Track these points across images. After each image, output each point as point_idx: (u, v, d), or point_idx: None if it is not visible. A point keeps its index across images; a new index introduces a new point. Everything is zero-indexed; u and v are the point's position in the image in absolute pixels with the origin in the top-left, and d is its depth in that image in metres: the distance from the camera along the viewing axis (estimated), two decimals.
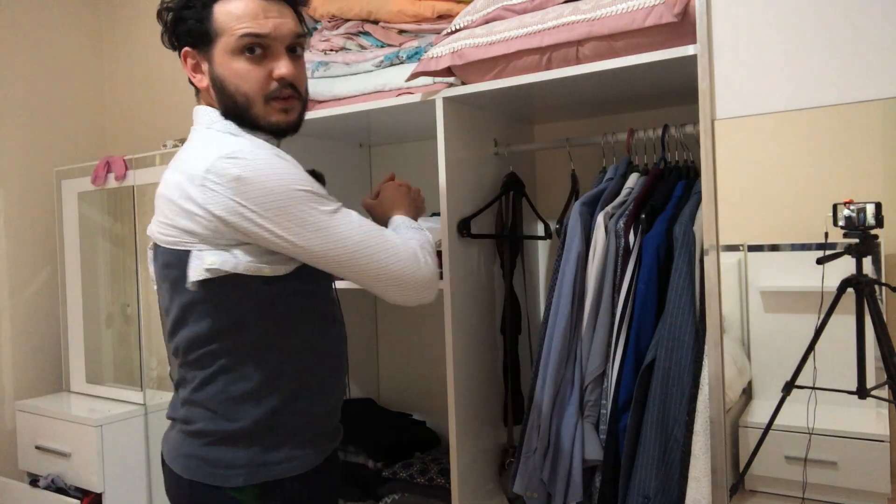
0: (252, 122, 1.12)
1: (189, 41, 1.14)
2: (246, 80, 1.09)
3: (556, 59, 1.38)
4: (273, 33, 1.08)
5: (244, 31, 1.08)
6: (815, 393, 1.14)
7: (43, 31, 2.82)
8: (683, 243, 1.28)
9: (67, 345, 2.68)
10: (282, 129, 1.14)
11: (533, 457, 1.41)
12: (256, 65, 1.09)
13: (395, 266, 1.09)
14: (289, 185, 1.03)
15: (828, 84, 1.09)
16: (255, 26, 1.08)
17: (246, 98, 1.10)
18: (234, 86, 1.11)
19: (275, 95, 1.10)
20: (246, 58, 1.09)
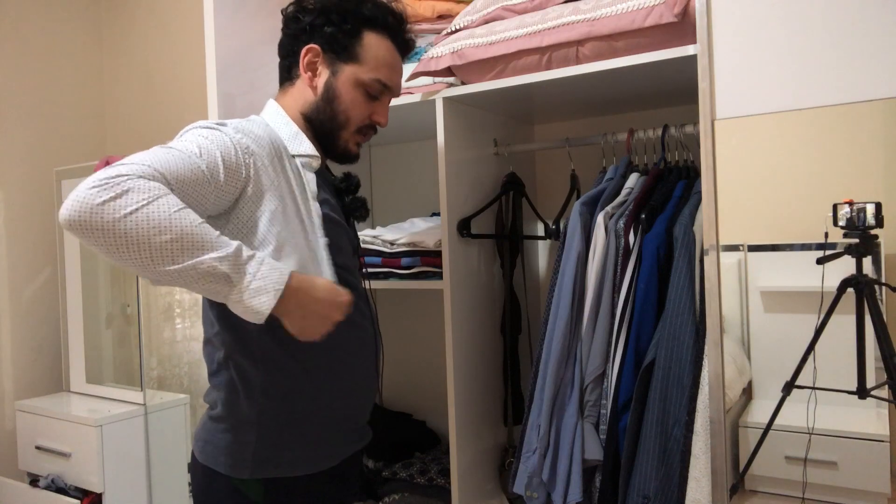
0: (333, 139, 1.21)
1: (324, 43, 1.19)
2: (355, 109, 1.20)
3: (556, 59, 1.38)
4: (395, 90, 1.25)
5: (380, 79, 1.20)
6: (815, 393, 1.14)
7: (43, 31, 2.82)
8: (683, 243, 1.28)
9: (67, 345, 2.68)
10: (349, 159, 1.24)
11: (533, 457, 1.41)
12: (369, 102, 1.21)
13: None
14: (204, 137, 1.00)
15: (828, 84, 1.09)
16: (389, 79, 1.21)
17: (347, 121, 1.20)
18: (343, 106, 1.19)
19: (363, 131, 1.23)
20: (365, 94, 1.20)
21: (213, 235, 0.92)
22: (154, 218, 0.87)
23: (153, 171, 0.92)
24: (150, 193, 0.88)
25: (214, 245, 0.91)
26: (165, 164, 0.93)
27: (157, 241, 0.87)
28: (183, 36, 2.75)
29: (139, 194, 0.87)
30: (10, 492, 2.52)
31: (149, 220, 0.87)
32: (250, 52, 1.78)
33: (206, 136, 1.02)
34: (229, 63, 1.72)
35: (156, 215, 0.87)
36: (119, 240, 0.86)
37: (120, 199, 0.86)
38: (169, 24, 2.80)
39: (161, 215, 0.87)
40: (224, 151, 1.01)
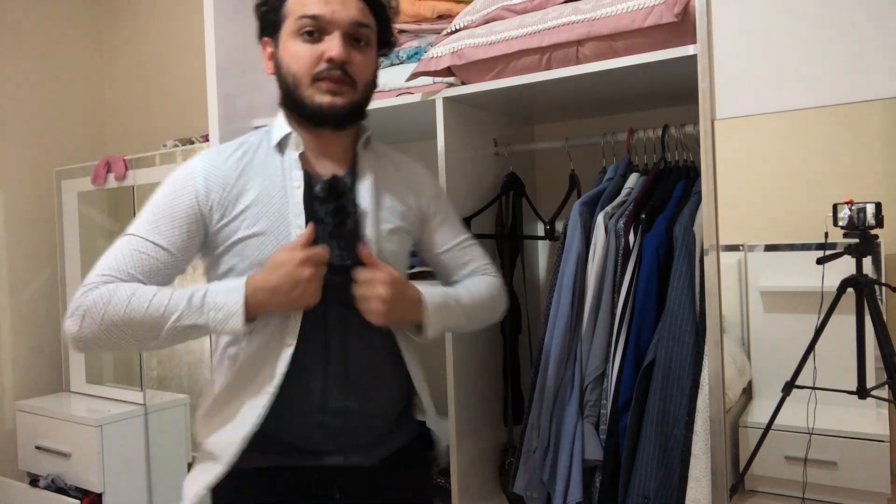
0: (299, 105, 1.11)
1: (265, 30, 1.16)
2: (297, 59, 1.10)
3: (556, 59, 1.38)
4: (329, 16, 1.08)
5: (304, 14, 1.09)
6: (815, 393, 1.14)
7: (43, 32, 2.82)
8: (683, 243, 1.28)
9: (67, 345, 2.68)
10: (325, 113, 1.09)
11: (533, 457, 1.41)
12: (310, 45, 1.09)
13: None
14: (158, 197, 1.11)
15: (828, 84, 1.09)
16: (315, 9, 1.09)
17: (294, 78, 1.10)
18: (286, 66, 1.11)
19: (322, 76, 1.09)
20: (302, 39, 1.10)
21: (163, 304, 1.01)
22: (115, 321, 1.00)
23: (107, 277, 1.03)
24: (100, 304, 1.01)
25: (168, 312, 1.01)
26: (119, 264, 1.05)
27: (127, 333, 1.01)
28: (183, 36, 2.75)
29: (94, 311, 1.01)
30: (10, 492, 2.52)
31: (113, 324, 1.01)
32: (250, 52, 1.78)
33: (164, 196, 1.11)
34: (229, 63, 1.73)
35: (115, 318, 1.00)
36: (107, 345, 1.03)
37: (85, 323, 1.01)
38: (169, 25, 2.81)
39: (117, 316, 1.00)
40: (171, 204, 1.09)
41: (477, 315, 1.24)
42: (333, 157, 1.17)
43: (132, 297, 1.00)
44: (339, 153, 1.17)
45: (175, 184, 1.10)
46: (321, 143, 1.16)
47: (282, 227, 1.09)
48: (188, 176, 1.10)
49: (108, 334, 1.01)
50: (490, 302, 1.26)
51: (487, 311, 1.27)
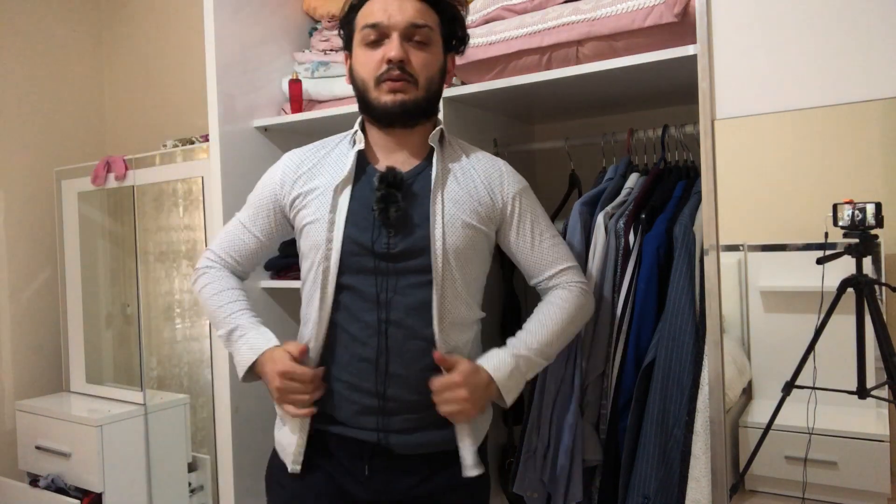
0: (370, 107, 1.19)
1: (346, 45, 1.26)
2: (363, 65, 1.19)
3: (556, 59, 1.38)
4: (387, 22, 1.16)
5: (365, 23, 1.18)
6: (815, 393, 1.14)
7: (43, 31, 2.82)
8: (683, 243, 1.28)
9: (67, 345, 2.68)
10: (389, 111, 1.17)
11: (533, 457, 1.41)
12: (373, 51, 1.18)
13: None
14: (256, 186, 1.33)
15: (828, 84, 1.09)
16: (374, 18, 1.17)
17: (363, 82, 1.19)
18: (356, 73, 1.21)
19: (384, 77, 1.16)
20: (367, 47, 1.18)
21: (225, 314, 1.24)
22: (202, 298, 1.29)
23: (216, 257, 1.32)
24: (202, 281, 1.30)
25: (222, 324, 1.25)
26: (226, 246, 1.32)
27: (206, 313, 1.30)
28: (183, 36, 2.75)
29: (200, 283, 1.31)
30: (10, 492, 2.52)
31: (200, 297, 1.31)
32: (250, 52, 1.78)
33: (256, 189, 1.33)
34: (229, 63, 1.73)
35: (203, 297, 1.29)
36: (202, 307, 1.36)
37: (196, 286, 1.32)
38: (169, 24, 2.80)
39: (203, 296, 1.29)
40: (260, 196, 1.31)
41: (556, 347, 1.24)
42: (405, 153, 1.22)
43: (215, 294, 1.27)
44: (412, 149, 1.23)
45: (264, 178, 1.31)
46: (393, 141, 1.22)
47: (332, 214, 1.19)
48: (273, 171, 1.30)
49: (200, 303, 1.31)
50: (568, 325, 1.24)
51: (567, 335, 1.25)
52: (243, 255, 1.31)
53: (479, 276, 1.26)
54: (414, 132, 1.22)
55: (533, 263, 1.28)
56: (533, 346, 1.20)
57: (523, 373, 1.19)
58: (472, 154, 1.28)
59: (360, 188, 1.20)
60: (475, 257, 1.22)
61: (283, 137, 1.87)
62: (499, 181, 1.25)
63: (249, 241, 1.30)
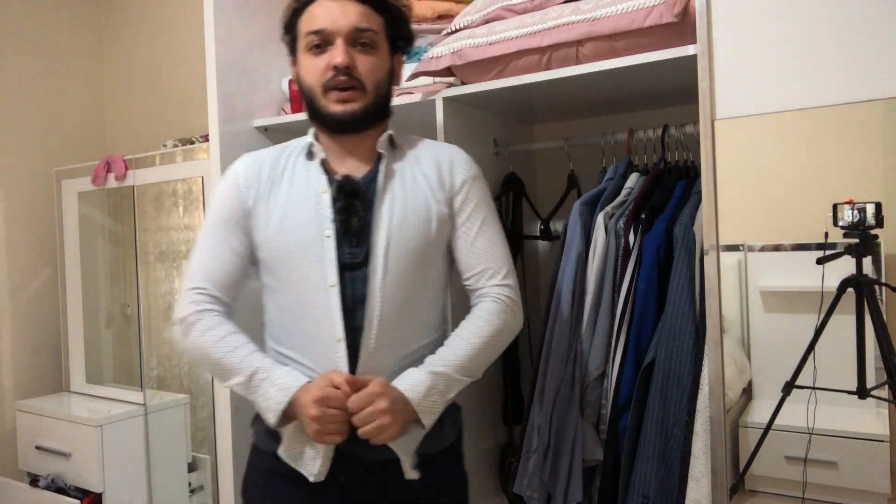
0: (318, 115, 1.17)
1: (291, 52, 1.23)
2: (309, 73, 1.16)
3: (556, 59, 1.38)
4: (330, 27, 1.13)
5: (309, 30, 1.16)
6: (815, 393, 1.14)
7: (43, 31, 2.82)
8: (683, 243, 1.28)
9: (67, 345, 2.68)
10: (338, 121, 1.15)
11: (533, 457, 1.41)
12: (317, 57, 1.15)
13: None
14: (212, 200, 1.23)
15: (828, 84, 1.09)
16: (316, 25, 1.15)
17: (310, 89, 1.17)
18: (303, 80, 1.18)
19: (331, 85, 1.14)
20: (312, 54, 1.16)
21: (236, 361, 1.12)
22: (202, 349, 1.15)
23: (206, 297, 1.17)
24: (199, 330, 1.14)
25: (235, 371, 1.12)
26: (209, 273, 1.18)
27: (208, 365, 1.17)
28: (183, 36, 2.75)
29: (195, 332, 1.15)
30: (10, 492, 2.52)
31: (198, 348, 1.15)
32: (250, 53, 1.78)
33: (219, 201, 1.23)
34: (229, 63, 1.73)
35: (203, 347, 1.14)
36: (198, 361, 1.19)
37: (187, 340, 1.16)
38: (169, 24, 2.80)
39: (203, 347, 1.14)
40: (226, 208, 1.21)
41: (480, 363, 1.18)
42: (358, 160, 1.20)
43: (218, 341, 1.13)
44: (364, 155, 1.20)
45: (223, 187, 1.22)
46: (345, 148, 1.20)
47: (307, 228, 1.14)
48: (232, 177, 1.21)
49: (198, 358, 1.17)
50: (493, 341, 1.18)
51: (493, 351, 1.19)
52: (232, 284, 1.19)
53: (438, 276, 1.21)
54: (365, 137, 1.19)
55: (467, 260, 1.20)
56: (452, 362, 1.13)
57: (442, 391, 1.12)
58: (423, 148, 1.24)
59: None
60: (429, 260, 1.18)
61: (283, 137, 1.86)
62: (448, 167, 1.22)
63: (234, 263, 1.19)
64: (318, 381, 1.08)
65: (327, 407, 1.05)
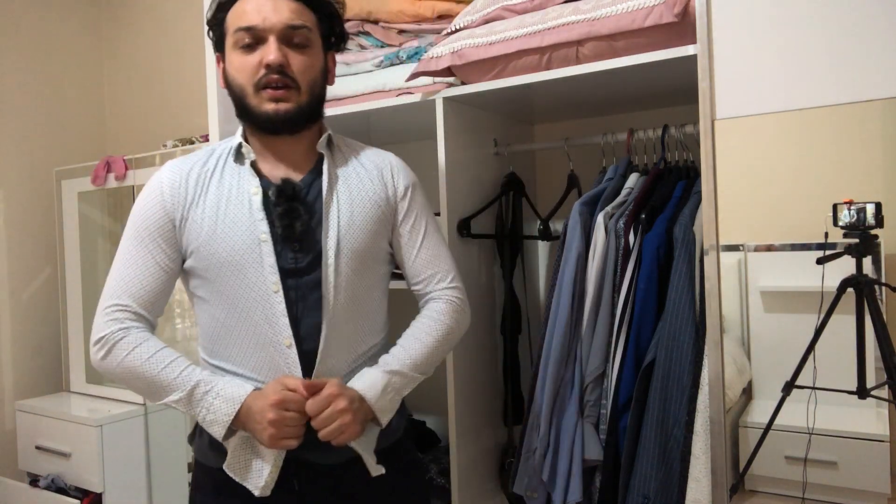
0: (249, 115, 1.13)
1: (216, 46, 1.19)
2: (239, 71, 1.12)
3: (556, 59, 1.38)
4: (262, 24, 1.10)
5: (239, 26, 1.11)
6: (815, 393, 1.14)
7: (43, 31, 2.82)
8: (683, 243, 1.28)
9: (67, 345, 2.68)
10: (271, 121, 1.11)
11: (533, 457, 1.41)
12: (248, 55, 1.11)
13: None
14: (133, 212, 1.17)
15: (828, 84, 1.09)
16: (246, 21, 1.11)
17: (241, 89, 1.13)
18: (232, 78, 1.14)
19: (263, 83, 1.11)
20: (241, 50, 1.12)
21: (173, 377, 1.08)
22: (128, 370, 1.09)
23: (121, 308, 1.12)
24: (121, 349, 1.09)
25: (173, 387, 1.08)
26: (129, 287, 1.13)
27: (137, 384, 1.11)
28: (183, 36, 2.75)
29: (118, 352, 1.09)
30: (10, 492, 2.52)
31: (123, 370, 1.09)
32: None
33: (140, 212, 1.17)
34: None
35: (129, 368, 1.09)
36: (124, 385, 1.12)
37: (108, 359, 1.10)
38: (169, 25, 2.81)
39: (128, 367, 1.09)
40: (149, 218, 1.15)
41: (432, 361, 1.20)
42: (292, 162, 1.17)
43: (147, 359, 1.08)
44: (299, 157, 1.18)
45: (146, 198, 1.16)
46: (278, 150, 1.17)
47: (242, 233, 1.11)
48: (156, 186, 1.16)
49: (123, 378, 1.11)
50: (445, 338, 1.21)
51: (444, 348, 1.22)
52: (155, 301, 1.14)
53: (380, 281, 1.21)
54: (299, 139, 1.16)
55: (416, 266, 1.23)
56: (406, 361, 1.14)
57: (398, 389, 1.13)
58: (362, 152, 1.24)
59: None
60: (375, 262, 1.19)
61: None
62: (390, 174, 1.23)
63: (158, 278, 1.13)
64: (271, 385, 1.06)
65: (285, 410, 1.03)
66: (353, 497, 1.16)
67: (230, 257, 1.10)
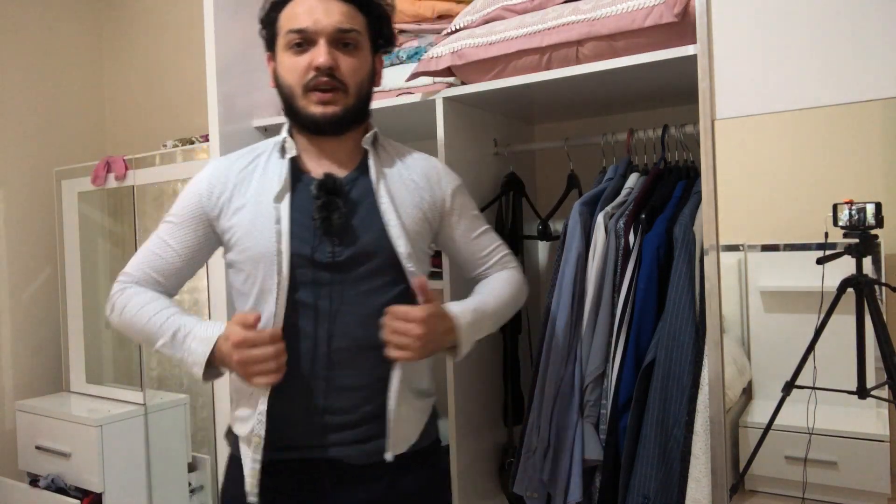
0: (297, 115, 1.16)
1: (267, 45, 1.21)
2: (289, 72, 1.15)
3: (556, 59, 1.38)
4: (313, 27, 1.12)
5: (290, 28, 1.13)
6: (815, 393, 1.14)
7: (43, 31, 2.82)
8: (683, 243, 1.28)
9: (67, 345, 2.68)
10: (318, 122, 1.14)
11: (533, 457, 1.41)
12: (299, 57, 1.14)
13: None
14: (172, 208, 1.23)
15: (828, 84, 1.09)
16: (299, 23, 1.13)
17: (290, 90, 1.15)
18: (282, 79, 1.17)
19: (312, 86, 1.12)
20: (293, 52, 1.14)
21: (157, 326, 1.14)
22: (126, 321, 1.18)
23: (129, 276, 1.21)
24: (121, 303, 1.19)
25: (157, 335, 1.14)
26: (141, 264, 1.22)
27: (133, 334, 1.19)
28: (183, 36, 2.75)
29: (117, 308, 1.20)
30: (10, 492, 2.52)
31: (123, 322, 1.19)
32: (250, 52, 1.78)
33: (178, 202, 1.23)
34: (229, 63, 1.72)
35: (126, 319, 1.18)
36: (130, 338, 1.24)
37: (113, 315, 1.21)
38: (169, 24, 2.81)
39: (128, 320, 1.18)
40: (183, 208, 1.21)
41: (502, 316, 1.26)
42: (337, 159, 1.19)
43: (139, 309, 1.16)
44: (343, 155, 1.19)
45: (187, 190, 1.21)
46: (323, 147, 1.19)
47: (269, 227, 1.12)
48: (198, 181, 1.20)
49: (126, 331, 1.20)
50: (513, 299, 1.28)
51: (511, 308, 1.28)
52: (165, 273, 1.20)
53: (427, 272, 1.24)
54: (345, 139, 1.18)
55: (475, 253, 1.29)
56: (488, 308, 1.20)
57: (481, 327, 1.18)
58: (408, 155, 1.26)
59: (297, 198, 1.15)
60: (424, 254, 1.22)
61: None
62: (437, 179, 1.25)
63: (171, 256, 1.19)
64: (229, 326, 1.07)
65: (249, 348, 1.03)
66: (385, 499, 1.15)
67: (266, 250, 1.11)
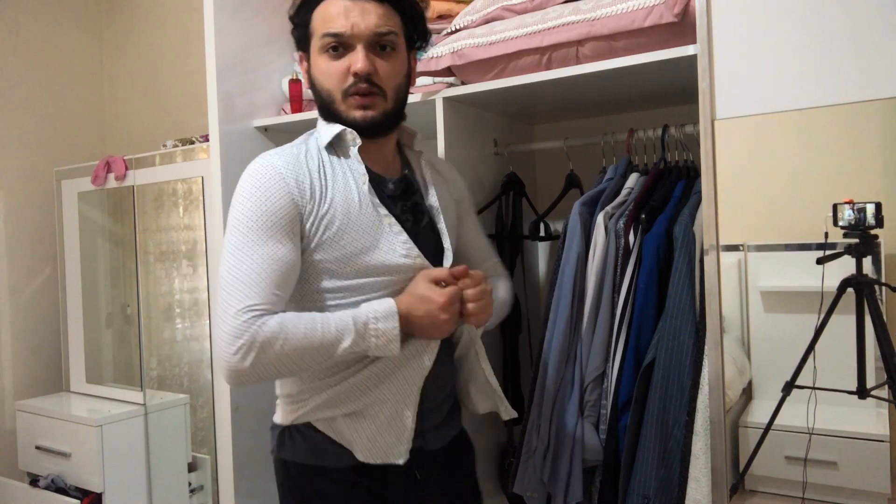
0: (338, 119, 1.16)
1: (299, 45, 1.21)
2: (327, 76, 1.14)
3: (556, 59, 1.38)
4: (350, 31, 1.11)
5: (324, 32, 1.13)
6: (815, 393, 1.14)
7: (43, 31, 2.82)
8: (683, 243, 1.28)
9: (67, 345, 2.68)
10: (359, 126, 1.13)
11: (533, 457, 1.41)
12: (336, 61, 1.13)
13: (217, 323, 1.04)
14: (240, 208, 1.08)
15: (828, 84, 1.09)
16: (333, 27, 1.12)
17: (328, 94, 1.15)
18: (319, 83, 1.16)
19: (351, 91, 1.12)
20: (329, 55, 1.13)
21: (332, 331, 1.03)
22: (288, 351, 1.01)
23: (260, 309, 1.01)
24: (279, 336, 1.00)
25: (338, 339, 1.04)
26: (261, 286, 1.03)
27: (300, 362, 1.03)
28: (183, 36, 2.75)
29: (272, 343, 1.00)
30: (10, 492, 2.52)
31: (291, 353, 1.01)
32: (250, 52, 1.78)
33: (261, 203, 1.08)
34: (229, 63, 1.72)
35: (289, 349, 1.01)
36: (276, 376, 1.05)
37: (257, 357, 1.00)
38: (169, 24, 2.81)
39: (296, 346, 1.01)
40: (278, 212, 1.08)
41: (500, 313, 1.35)
42: (377, 162, 1.20)
43: (304, 327, 1.02)
44: (383, 155, 1.21)
45: (266, 189, 1.08)
46: (365, 150, 1.17)
47: (366, 222, 1.11)
48: (277, 178, 1.08)
49: (281, 365, 1.02)
50: (506, 306, 1.37)
51: (506, 309, 1.37)
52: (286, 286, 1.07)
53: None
54: (383, 140, 1.20)
55: (472, 254, 1.36)
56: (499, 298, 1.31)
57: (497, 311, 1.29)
58: (430, 156, 1.32)
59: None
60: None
61: (283, 137, 1.87)
62: (454, 178, 1.36)
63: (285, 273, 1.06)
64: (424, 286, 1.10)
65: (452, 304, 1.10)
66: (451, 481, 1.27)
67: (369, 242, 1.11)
